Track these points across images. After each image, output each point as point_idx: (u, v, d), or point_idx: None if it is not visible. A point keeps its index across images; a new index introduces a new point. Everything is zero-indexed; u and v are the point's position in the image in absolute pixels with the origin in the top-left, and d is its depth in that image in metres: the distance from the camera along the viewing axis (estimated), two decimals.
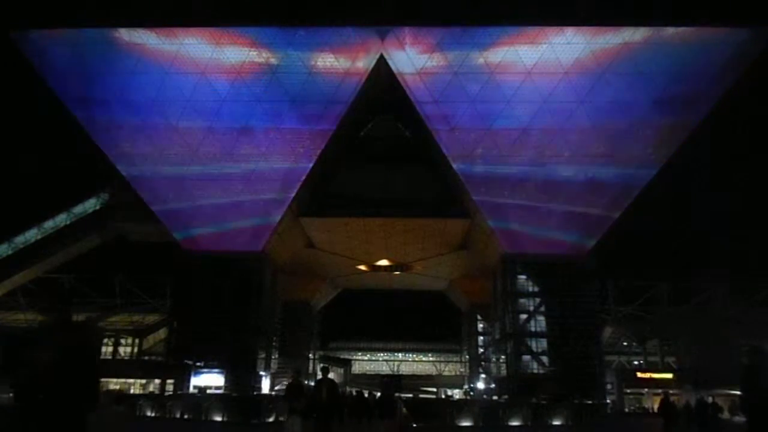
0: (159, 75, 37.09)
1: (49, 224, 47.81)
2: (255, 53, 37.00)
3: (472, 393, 60.56)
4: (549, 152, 38.09)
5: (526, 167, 38.53)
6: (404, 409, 23.67)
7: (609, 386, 46.21)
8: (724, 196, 57.80)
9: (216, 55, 36.79)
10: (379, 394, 26.36)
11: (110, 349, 53.76)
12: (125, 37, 36.79)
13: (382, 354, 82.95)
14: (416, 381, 72.34)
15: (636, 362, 57.87)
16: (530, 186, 38.95)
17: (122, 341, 55.95)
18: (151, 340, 56.45)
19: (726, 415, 34.39)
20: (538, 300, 41.72)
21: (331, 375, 12.54)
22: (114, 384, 47.16)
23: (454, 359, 78.73)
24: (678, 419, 20.74)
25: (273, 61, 37.05)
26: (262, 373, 42.21)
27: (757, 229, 52.70)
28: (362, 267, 54.83)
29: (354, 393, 27.70)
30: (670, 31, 35.94)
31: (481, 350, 63.18)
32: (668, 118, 37.10)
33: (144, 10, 38.05)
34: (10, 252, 47.38)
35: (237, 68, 37.08)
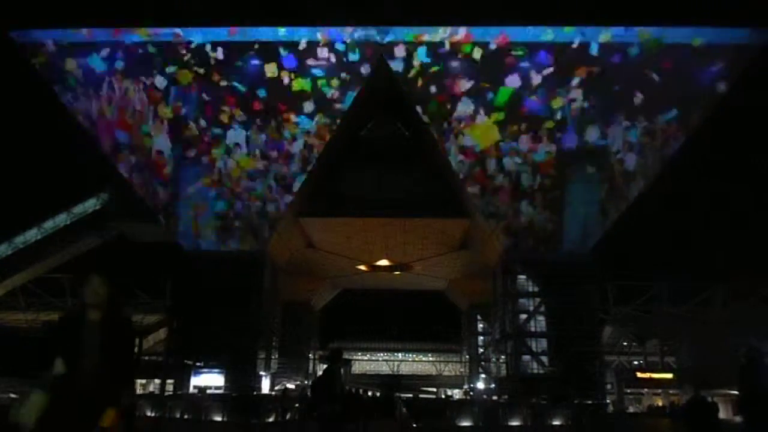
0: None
1: (49, 224, 47.70)
2: (255, 52, 36.98)
3: (472, 393, 60.53)
4: (549, 152, 38.07)
5: (527, 167, 38.50)
6: (404, 409, 23.74)
7: (609, 386, 46.19)
8: (725, 196, 57.83)
9: (215, 54, 36.79)
10: (373, 393, 26.40)
11: None
12: (124, 36, 36.78)
13: (382, 354, 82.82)
14: (416, 381, 72.36)
15: (636, 362, 57.81)
16: (530, 185, 38.92)
17: None
18: (151, 340, 56.38)
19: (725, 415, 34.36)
20: (538, 300, 41.70)
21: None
22: None
23: (454, 359, 78.63)
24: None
25: (273, 60, 37.01)
26: (262, 373, 42.19)
27: (758, 229, 52.72)
28: (362, 267, 54.81)
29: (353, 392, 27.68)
30: (670, 30, 35.92)
31: (481, 350, 63.16)
32: (668, 118, 37.12)
33: (143, 9, 38.11)
34: (10, 252, 47.33)
35: (236, 67, 37.06)
